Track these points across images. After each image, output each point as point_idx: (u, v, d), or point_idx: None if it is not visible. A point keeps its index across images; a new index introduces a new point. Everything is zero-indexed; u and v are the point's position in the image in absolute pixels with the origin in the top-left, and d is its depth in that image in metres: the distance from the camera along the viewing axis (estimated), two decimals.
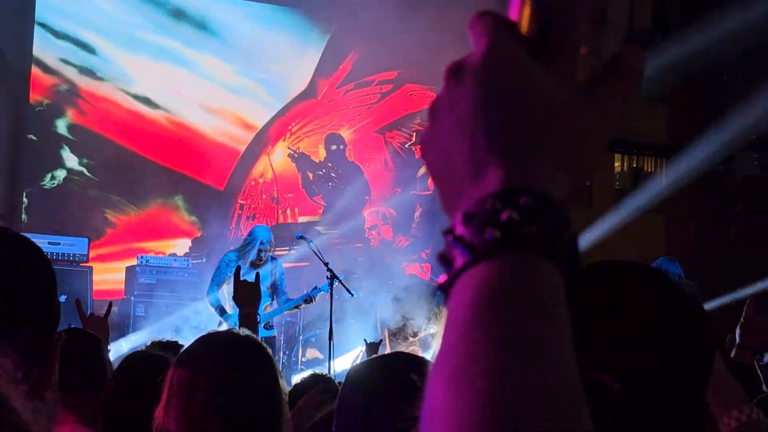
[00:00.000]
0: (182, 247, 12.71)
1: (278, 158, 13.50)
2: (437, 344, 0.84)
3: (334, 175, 13.64)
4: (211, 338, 2.79)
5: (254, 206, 13.30)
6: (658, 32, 16.46)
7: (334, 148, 13.71)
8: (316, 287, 9.54)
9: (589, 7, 0.90)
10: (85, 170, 12.30)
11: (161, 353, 3.77)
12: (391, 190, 13.83)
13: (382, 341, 6.64)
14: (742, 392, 2.37)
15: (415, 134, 13.91)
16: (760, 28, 13.02)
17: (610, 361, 1.53)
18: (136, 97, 12.68)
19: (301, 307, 9.66)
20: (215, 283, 9.42)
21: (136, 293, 11.05)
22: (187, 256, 12.26)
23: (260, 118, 13.36)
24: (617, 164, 19.66)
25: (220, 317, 9.03)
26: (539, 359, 0.80)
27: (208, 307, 9.20)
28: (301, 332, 11.19)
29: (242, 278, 4.56)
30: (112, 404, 3.51)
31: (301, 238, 10.43)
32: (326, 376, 5.00)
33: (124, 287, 11.19)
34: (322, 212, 13.42)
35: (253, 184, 13.34)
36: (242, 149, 13.24)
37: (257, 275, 4.82)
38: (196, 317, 10.59)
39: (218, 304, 9.09)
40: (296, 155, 13.56)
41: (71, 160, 12.29)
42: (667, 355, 1.59)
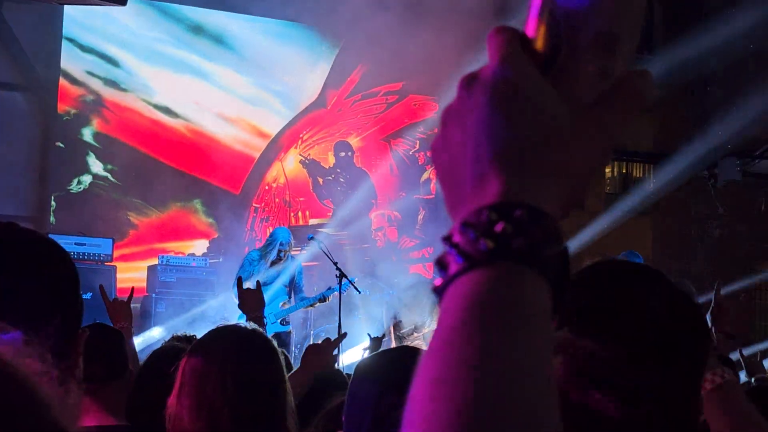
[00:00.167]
0: (200, 247, 12.71)
1: (290, 164, 13.50)
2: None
3: (342, 180, 13.63)
4: (221, 331, 2.79)
5: (268, 209, 13.29)
6: (644, 48, 16.44)
7: (342, 154, 13.71)
8: (329, 287, 9.59)
9: (600, 29, 0.88)
10: (109, 175, 12.30)
11: (181, 345, 3.76)
12: (396, 194, 13.82)
13: (385, 335, 6.60)
14: (714, 355, 2.35)
15: (418, 142, 13.90)
16: (740, 43, 13.01)
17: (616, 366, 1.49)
18: (157, 107, 12.68)
19: (315, 305, 9.69)
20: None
21: (157, 291, 11.08)
22: (204, 255, 12.26)
23: (273, 126, 13.35)
24: (608, 170, 19.62)
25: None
26: (516, 371, 0.79)
27: (233, 299, 9.24)
28: (311, 327, 11.19)
29: (248, 279, 4.56)
30: (135, 395, 3.50)
31: (311, 239, 10.43)
32: (337, 368, 4.97)
33: (146, 285, 11.20)
34: (331, 215, 13.42)
35: (266, 188, 13.33)
36: (256, 156, 13.23)
37: (258, 283, 4.85)
38: (214, 314, 10.57)
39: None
40: (307, 161, 13.56)
41: (96, 165, 12.28)
42: (671, 362, 1.55)
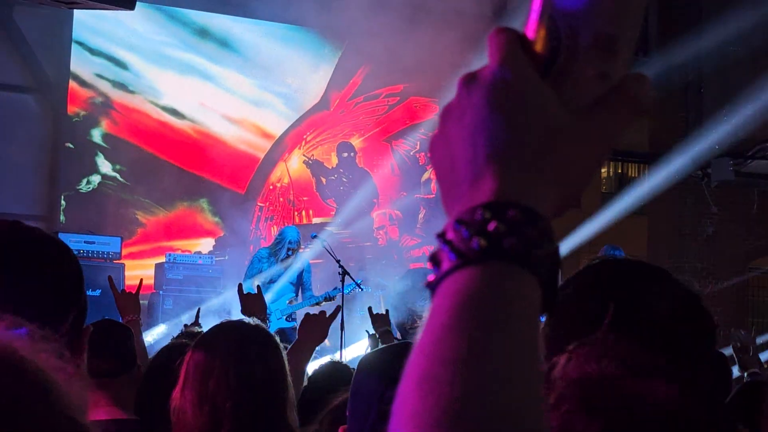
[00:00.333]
0: (206, 245, 12.69)
1: (294, 164, 13.48)
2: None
3: (345, 180, 13.61)
4: (224, 326, 2.78)
5: (272, 208, 13.27)
6: (640, 50, 16.42)
7: (345, 155, 13.68)
8: (336, 288, 9.59)
9: (599, 31, 0.87)
10: (117, 175, 12.28)
11: (188, 341, 3.77)
12: (397, 193, 13.79)
13: (386, 331, 6.56)
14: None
15: (419, 143, 13.88)
16: (734, 44, 12.99)
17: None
18: (164, 108, 12.67)
19: (321, 303, 9.70)
20: (248, 276, 9.72)
21: (164, 288, 11.07)
22: (211, 253, 12.27)
23: (278, 127, 13.33)
24: (603, 170, 19.61)
25: None
26: (504, 370, 0.78)
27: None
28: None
29: (256, 276, 4.58)
30: (143, 390, 3.51)
31: (315, 237, 10.43)
32: (342, 363, 4.98)
33: (153, 282, 11.17)
34: (334, 214, 13.39)
35: (271, 188, 13.31)
36: (261, 156, 13.21)
37: (258, 287, 4.85)
38: (221, 310, 10.57)
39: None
40: (311, 162, 13.54)
41: (105, 166, 12.27)
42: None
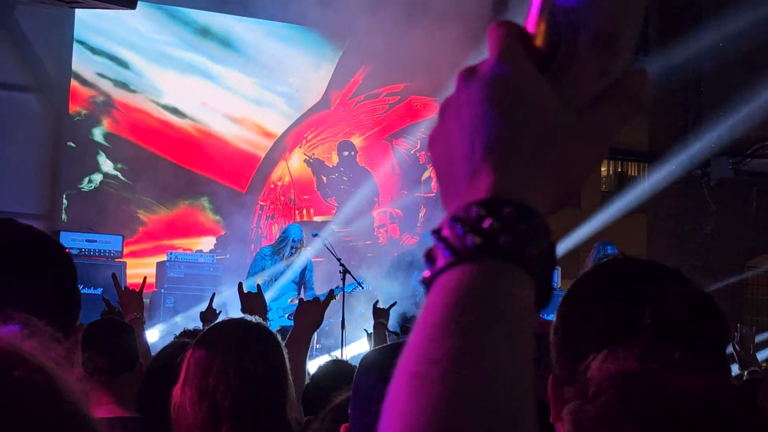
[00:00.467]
0: (208, 244, 12.70)
1: (295, 163, 13.48)
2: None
3: (346, 178, 13.63)
4: (225, 324, 2.77)
5: (273, 207, 13.28)
6: (639, 49, 16.42)
7: (345, 154, 13.70)
8: (338, 286, 9.61)
9: (599, 28, 0.85)
10: (119, 174, 12.29)
11: (189, 340, 3.75)
12: (397, 192, 13.81)
13: (380, 323, 6.51)
14: None
15: (419, 142, 13.90)
16: (732, 44, 12.99)
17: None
18: (165, 107, 12.67)
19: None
20: (250, 273, 9.75)
21: (166, 286, 11.08)
22: (212, 252, 12.28)
23: (279, 126, 13.33)
24: (603, 169, 19.64)
25: None
26: (493, 370, 0.77)
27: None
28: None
29: (259, 273, 4.56)
30: (145, 388, 3.50)
31: (316, 236, 10.43)
32: (344, 361, 4.98)
33: (155, 281, 11.18)
34: (335, 212, 13.41)
35: (272, 186, 13.31)
36: (262, 155, 13.22)
37: (258, 286, 4.89)
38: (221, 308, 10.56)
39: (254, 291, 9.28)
40: (311, 161, 13.56)
41: (107, 164, 12.27)
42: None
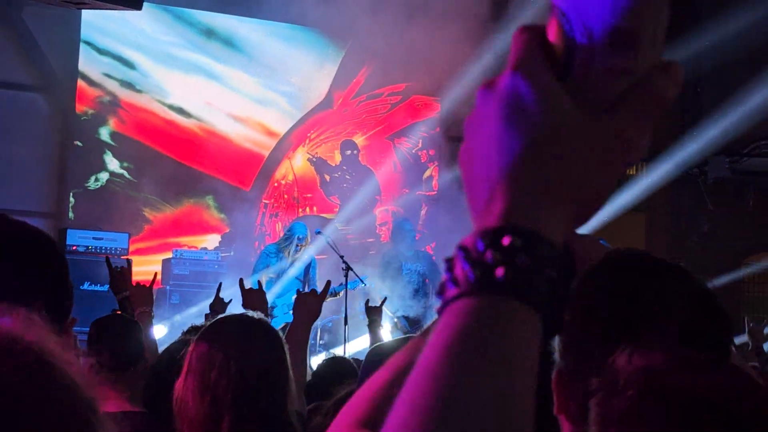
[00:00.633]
0: (212, 241, 12.69)
1: (298, 162, 13.48)
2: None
3: (348, 177, 13.63)
4: (227, 319, 2.78)
5: (277, 205, 13.29)
6: None
7: (348, 153, 13.70)
8: (341, 284, 9.60)
9: (615, 28, 0.77)
10: (125, 173, 12.29)
11: (194, 337, 3.76)
12: (399, 190, 13.81)
13: (374, 320, 6.50)
14: None
15: (421, 141, 13.90)
16: (731, 45, 12.98)
17: None
18: (171, 107, 12.66)
19: (328, 299, 9.67)
20: (255, 270, 9.83)
21: (171, 283, 11.10)
22: (216, 249, 12.29)
23: (282, 126, 13.32)
24: None
25: None
26: (486, 411, 0.74)
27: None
28: (319, 318, 11.14)
29: (263, 270, 4.57)
30: (151, 384, 3.51)
31: (319, 233, 10.44)
32: (343, 357, 5.00)
33: (160, 278, 11.18)
34: (337, 211, 13.41)
35: (275, 185, 13.31)
36: (266, 154, 13.21)
37: (260, 282, 4.94)
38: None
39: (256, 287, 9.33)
40: (314, 159, 13.56)
41: (113, 163, 12.27)
42: None
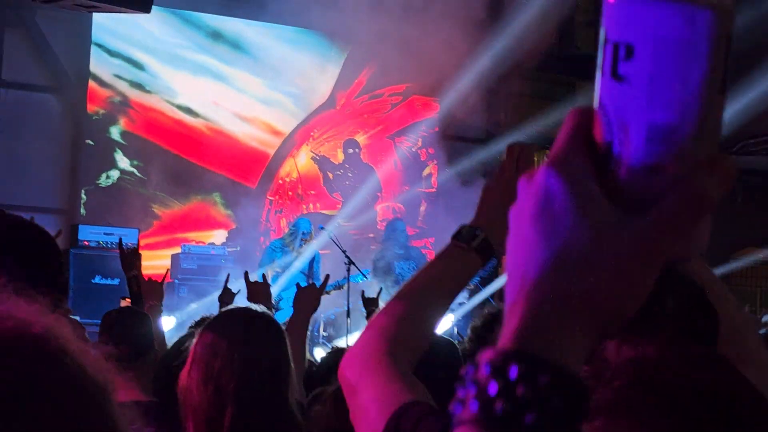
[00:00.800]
0: (219, 237, 12.67)
1: (302, 160, 13.48)
2: None
3: (350, 175, 13.60)
4: (231, 311, 2.80)
5: (281, 202, 13.26)
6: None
7: (350, 151, 13.68)
8: (345, 277, 9.56)
9: (652, 123, 0.70)
10: (135, 170, 12.29)
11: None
12: (400, 188, 13.78)
13: (372, 311, 6.47)
14: None
15: (420, 139, 13.85)
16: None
17: None
18: (179, 107, 12.66)
19: (331, 293, 9.66)
20: (261, 265, 9.92)
21: (179, 277, 11.07)
22: (223, 245, 12.27)
23: (287, 125, 13.31)
24: None
25: None
26: None
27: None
28: (321, 311, 11.13)
29: (269, 264, 4.59)
30: (160, 375, 3.54)
31: (322, 229, 10.43)
32: (347, 349, 4.99)
33: (169, 272, 11.17)
34: (340, 207, 13.38)
35: (280, 182, 13.30)
36: (271, 152, 13.20)
37: (264, 276, 4.87)
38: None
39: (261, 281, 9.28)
40: (318, 158, 13.54)
41: (123, 161, 12.27)
42: None
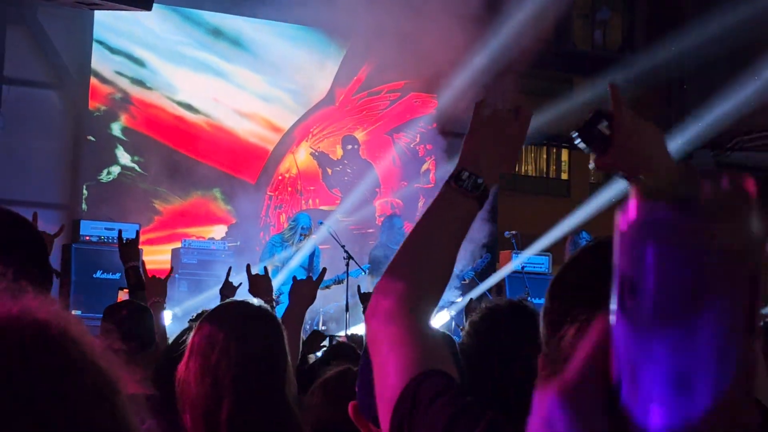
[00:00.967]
0: (219, 232, 12.68)
1: (302, 156, 13.48)
2: None
3: (349, 170, 13.61)
4: (229, 304, 2.77)
5: (281, 197, 13.27)
6: (626, 49, 16.41)
7: (349, 147, 13.68)
8: (345, 272, 9.57)
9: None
10: (136, 166, 12.29)
11: None
12: (398, 183, 13.80)
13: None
14: None
15: (419, 136, 13.88)
16: (714, 44, 12.98)
17: None
18: (179, 103, 12.66)
19: (331, 287, 9.66)
20: (261, 260, 9.87)
21: (180, 272, 11.04)
22: (223, 240, 12.24)
23: (286, 122, 13.32)
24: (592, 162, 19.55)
25: None
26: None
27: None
28: (321, 305, 11.13)
29: (269, 259, 4.56)
30: (162, 368, 3.50)
31: (322, 224, 10.43)
32: (347, 343, 4.98)
33: (170, 267, 11.15)
34: (339, 203, 13.39)
35: (280, 178, 13.31)
36: (271, 148, 13.21)
37: (266, 268, 4.87)
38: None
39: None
40: (317, 154, 13.54)
41: (124, 157, 12.27)
42: None
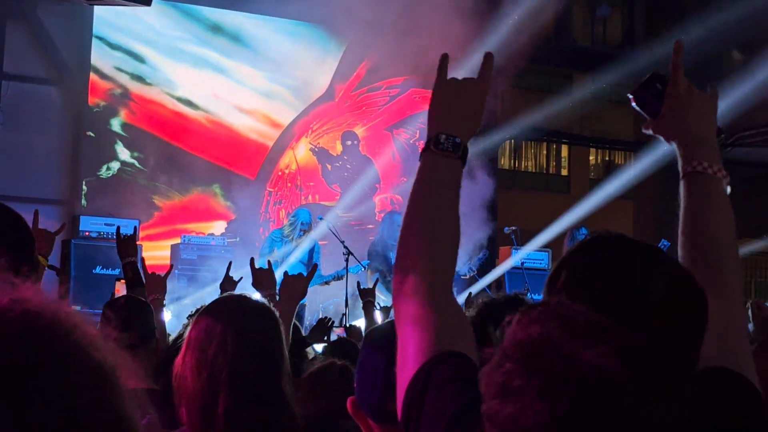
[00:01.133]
0: (219, 228, 12.69)
1: (301, 152, 13.47)
2: None
3: (349, 166, 13.62)
4: (226, 299, 2.74)
5: (281, 193, 13.28)
6: (626, 45, 16.38)
7: (349, 143, 13.68)
8: (345, 268, 9.62)
9: None
10: (136, 162, 12.29)
11: None
12: (398, 179, 13.80)
13: (369, 302, 6.40)
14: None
15: (418, 131, 13.87)
16: (712, 40, 12.96)
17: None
18: (179, 99, 12.66)
19: (331, 283, 9.70)
20: (261, 255, 9.75)
21: (180, 267, 11.05)
22: (223, 235, 12.25)
23: (286, 117, 13.31)
24: (591, 158, 19.58)
25: None
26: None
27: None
28: (321, 301, 11.15)
29: (270, 255, 4.50)
30: (163, 364, 3.49)
31: (321, 220, 10.43)
32: (347, 338, 4.98)
33: (169, 262, 11.15)
34: (338, 198, 13.40)
35: (279, 174, 13.30)
36: (270, 144, 13.21)
37: (269, 262, 4.87)
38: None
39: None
40: (317, 150, 13.54)
41: (124, 153, 12.27)
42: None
